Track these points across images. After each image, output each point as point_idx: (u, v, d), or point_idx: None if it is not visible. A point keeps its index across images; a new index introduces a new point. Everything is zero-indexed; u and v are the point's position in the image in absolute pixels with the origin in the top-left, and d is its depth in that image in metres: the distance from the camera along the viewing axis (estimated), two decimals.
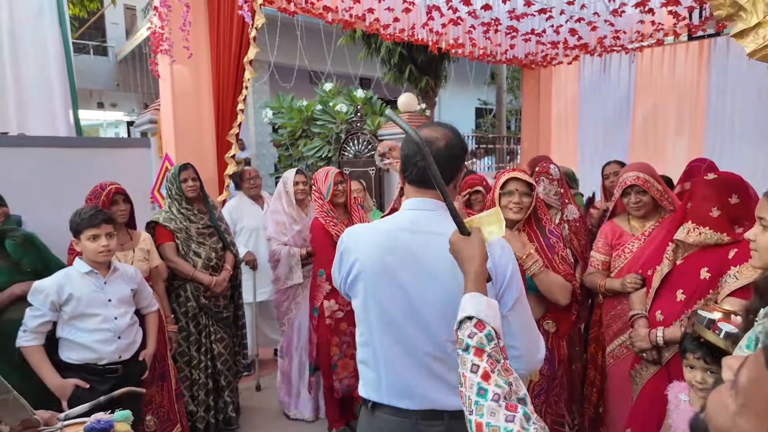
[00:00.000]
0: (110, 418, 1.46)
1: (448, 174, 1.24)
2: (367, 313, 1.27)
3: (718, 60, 4.67)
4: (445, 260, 1.17)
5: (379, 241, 1.25)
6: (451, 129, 1.27)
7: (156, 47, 3.43)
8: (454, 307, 1.15)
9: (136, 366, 2.15)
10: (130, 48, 12.47)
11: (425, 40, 4.41)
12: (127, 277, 2.15)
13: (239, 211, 3.63)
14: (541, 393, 1.98)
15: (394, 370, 1.25)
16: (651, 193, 2.18)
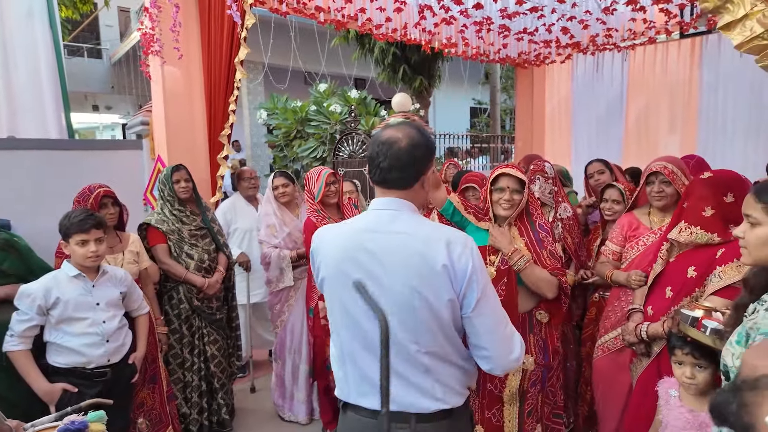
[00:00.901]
0: (84, 419, 1.45)
1: (412, 174, 1.22)
2: (333, 313, 1.28)
3: (711, 57, 4.69)
4: (406, 259, 1.17)
5: (343, 241, 1.25)
6: (416, 128, 1.25)
7: (147, 48, 3.42)
8: (414, 308, 1.16)
9: (125, 369, 2.13)
10: (125, 50, 12.43)
11: (418, 40, 4.41)
12: (116, 280, 2.14)
13: (234, 211, 3.62)
14: (537, 383, 1.99)
15: (359, 370, 1.24)
16: (675, 185, 2.12)
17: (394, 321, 1.18)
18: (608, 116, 5.49)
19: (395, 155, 1.20)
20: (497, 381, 1.99)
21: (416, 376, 1.21)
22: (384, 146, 1.21)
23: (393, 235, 1.20)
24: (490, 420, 2.00)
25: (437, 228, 1.27)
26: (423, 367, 1.21)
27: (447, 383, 1.24)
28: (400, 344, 1.19)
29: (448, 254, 1.16)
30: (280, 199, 3.00)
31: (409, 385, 1.21)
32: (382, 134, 1.24)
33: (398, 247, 1.18)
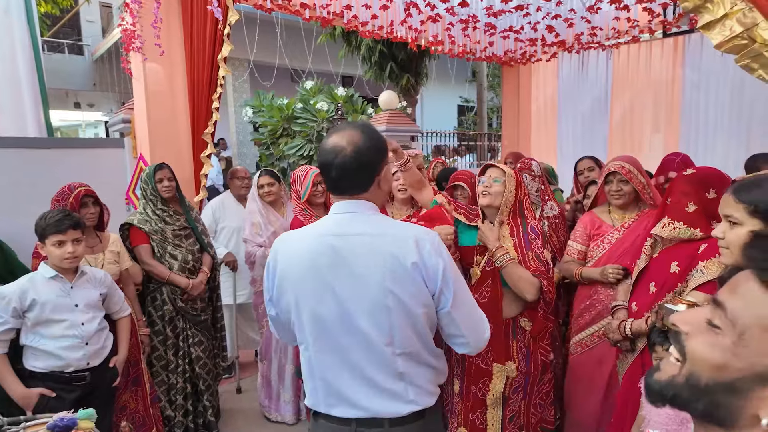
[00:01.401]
0: (73, 416, 1.42)
1: (364, 178, 1.21)
2: (300, 323, 1.24)
3: (693, 56, 4.75)
4: (373, 259, 1.16)
5: (306, 249, 1.22)
6: (362, 130, 1.21)
7: (128, 45, 3.35)
8: (388, 308, 1.16)
9: (106, 373, 2.09)
10: (107, 46, 12.20)
11: (404, 38, 4.40)
12: (95, 281, 2.09)
13: (222, 210, 3.57)
14: (519, 389, 1.98)
15: (328, 379, 1.23)
16: (633, 183, 2.20)
17: (367, 323, 1.17)
18: (593, 114, 5.54)
19: (341, 165, 1.18)
20: (481, 384, 1.98)
21: (389, 381, 1.20)
22: (329, 156, 1.20)
23: (358, 237, 1.19)
24: (474, 422, 2.00)
25: (402, 226, 1.27)
26: (396, 372, 1.20)
27: (419, 384, 1.24)
28: (375, 349, 1.18)
29: (419, 252, 1.16)
30: (265, 198, 2.97)
31: (382, 392, 1.20)
32: (327, 142, 1.21)
33: (366, 249, 1.17)
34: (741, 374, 0.51)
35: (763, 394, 0.49)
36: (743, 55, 1.07)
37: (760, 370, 0.50)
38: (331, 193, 1.27)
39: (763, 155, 2.97)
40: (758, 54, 1.04)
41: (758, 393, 0.50)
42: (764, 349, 0.50)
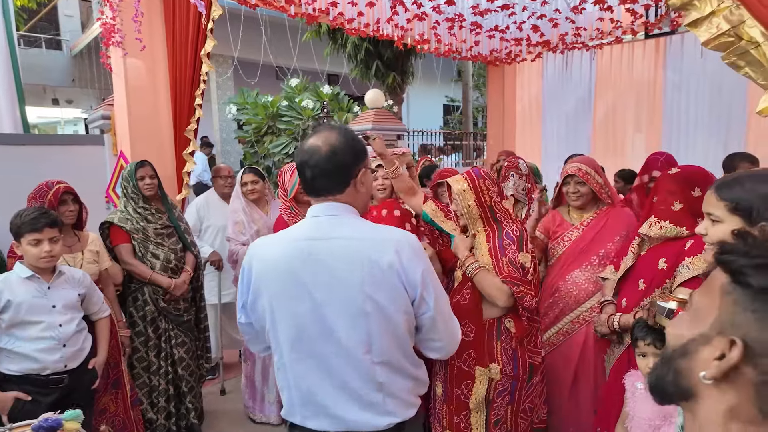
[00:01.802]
0: (59, 417, 1.38)
1: (340, 179, 1.20)
2: (276, 330, 1.21)
3: (674, 57, 4.84)
4: (352, 264, 1.14)
5: (284, 254, 1.19)
6: (339, 132, 1.21)
7: (108, 39, 3.27)
8: (367, 313, 1.14)
9: (84, 375, 2.03)
10: (86, 41, 11.92)
11: (390, 36, 4.38)
12: (74, 282, 2.03)
13: (207, 208, 3.51)
14: (505, 394, 1.93)
15: (304, 388, 1.20)
16: (590, 184, 2.28)
17: (346, 330, 1.15)
18: (577, 114, 5.61)
19: (316, 165, 1.18)
20: (463, 387, 1.95)
21: (367, 392, 1.18)
22: (305, 156, 1.19)
23: (338, 241, 1.17)
24: (459, 426, 1.97)
25: (382, 230, 1.25)
26: (375, 382, 1.18)
27: (399, 395, 1.22)
28: (353, 357, 1.16)
29: (399, 259, 1.15)
30: (248, 196, 2.93)
31: (360, 403, 1.18)
32: (305, 143, 1.21)
33: (346, 253, 1.15)
34: (691, 335, 0.60)
35: (705, 352, 0.57)
36: (730, 52, 1.09)
37: (703, 330, 0.59)
38: (307, 194, 1.25)
39: (739, 154, 3.04)
40: (744, 51, 1.05)
41: (702, 352, 0.58)
42: (708, 311, 0.59)
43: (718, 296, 0.58)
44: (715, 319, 0.57)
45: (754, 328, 0.54)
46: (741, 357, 0.54)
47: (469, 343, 1.92)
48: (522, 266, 1.83)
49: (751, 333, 0.54)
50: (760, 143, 4.18)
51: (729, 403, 0.56)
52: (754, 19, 1.01)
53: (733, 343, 0.54)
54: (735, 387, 0.55)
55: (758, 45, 1.03)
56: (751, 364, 0.54)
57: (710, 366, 0.56)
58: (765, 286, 0.53)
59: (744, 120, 4.44)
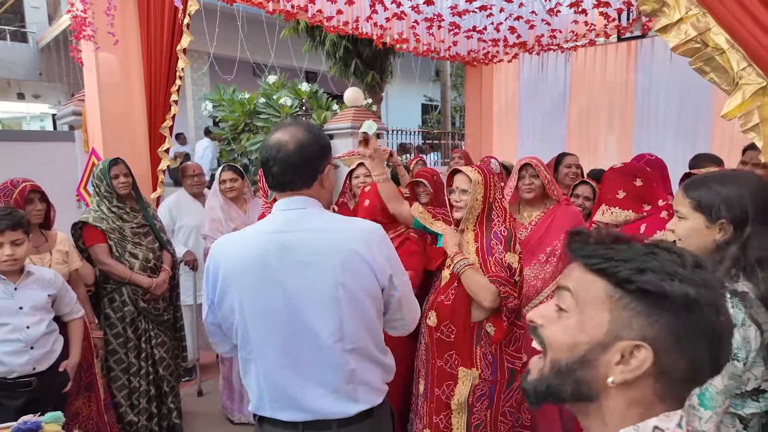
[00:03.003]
0: (38, 420, 1.34)
1: (307, 174, 1.21)
2: (245, 325, 1.21)
3: (644, 60, 4.98)
4: (323, 254, 1.16)
5: (252, 247, 1.20)
6: (305, 127, 1.22)
7: (78, 33, 3.17)
8: (338, 301, 1.17)
9: (54, 378, 1.97)
10: (54, 34, 11.51)
11: (370, 34, 4.38)
12: (43, 282, 1.97)
13: (179, 208, 3.44)
14: (484, 398, 1.91)
15: (275, 381, 1.21)
16: (541, 178, 2.35)
17: (318, 320, 1.17)
18: (552, 114, 5.72)
19: (283, 159, 1.19)
20: (445, 387, 1.93)
21: (338, 381, 1.20)
22: (272, 150, 1.19)
23: (308, 233, 1.19)
24: (438, 425, 1.95)
25: (349, 221, 1.28)
26: (346, 370, 1.20)
27: (369, 382, 1.25)
28: (324, 346, 1.18)
29: (368, 247, 1.19)
30: (227, 194, 2.89)
31: (330, 392, 1.20)
32: (271, 138, 1.22)
33: (316, 244, 1.18)
34: (588, 346, 0.60)
35: (606, 358, 0.59)
36: (696, 58, 1.13)
37: (599, 338, 0.59)
38: (273, 189, 1.25)
39: (704, 155, 3.16)
40: (710, 58, 1.10)
41: (603, 359, 0.59)
42: (600, 320, 0.60)
43: (605, 302, 0.59)
44: (609, 325, 0.59)
45: (650, 329, 0.57)
46: (653, 362, 0.57)
47: (450, 344, 1.91)
48: (509, 266, 1.82)
49: (649, 334, 0.57)
50: (725, 145, 4.36)
51: (632, 397, 0.59)
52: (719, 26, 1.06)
53: (637, 346, 0.57)
54: (637, 383, 0.59)
55: (723, 52, 1.08)
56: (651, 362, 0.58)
57: (614, 371, 0.59)
58: (659, 292, 0.56)
59: (709, 123, 4.61)
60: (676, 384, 0.60)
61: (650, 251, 0.59)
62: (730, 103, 1.11)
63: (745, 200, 1.16)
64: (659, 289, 0.56)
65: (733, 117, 1.11)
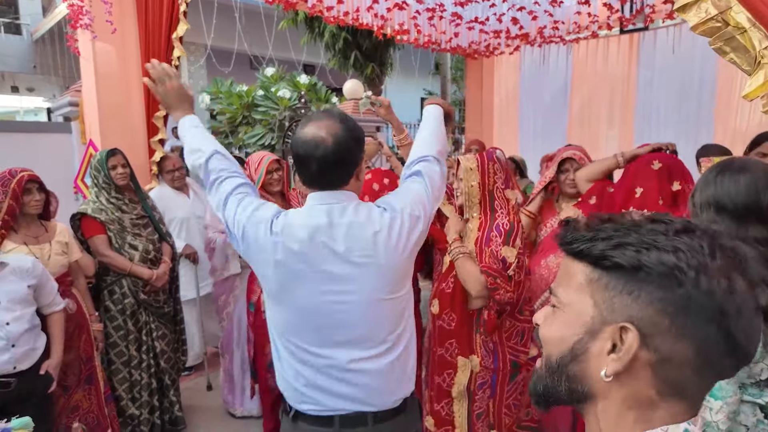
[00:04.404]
0: (7, 426, 1.30)
1: (345, 173, 1.20)
2: (289, 312, 1.19)
3: (646, 53, 4.94)
4: (367, 248, 1.16)
5: (307, 235, 1.16)
6: (341, 120, 1.18)
7: (75, 21, 3.11)
8: (380, 297, 1.17)
9: (37, 379, 1.87)
10: (49, 26, 11.38)
11: (370, 25, 4.33)
12: (22, 273, 1.87)
13: (163, 202, 3.30)
14: (485, 387, 1.92)
15: (310, 372, 1.19)
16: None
17: (368, 310, 1.18)
18: (553, 108, 5.68)
19: (323, 159, 1.14)
20: (445, 375, 1.93)
21: (381, 370, 1.20)
22: (310, 147, 1.15)
23: (352, 226, 1.17)
24: (440, 413, 1.96)
25: (381, 212, 1.25)
26: (388, 362, 1.21)
27: (404, 370, 1.26)
28: (364, 337, 1.19)
29: (402, 231, 1.20)
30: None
31: (367, 383, 1.20)
32: (305, 132, 1.16)
33: (358, 236, 1.17)
34: (576, 336, 0.55)
35: (596, 349, 0.54)
36: (717, 38, 1.10)
37: (586, 326, 0.55)
38: (308, 186, 1.22)
39: (714, 146, 3.13)
40: (731, 37, 1.07)
41: (594, 350, 0.54)
42: (584, 306, 0.55)
43: (586, 287, 0.55)
44: (594, 311, 0.54)
45: (634, 308, 0.51)
46: (639, 344, 0.51)
47: (450, 333, 1.91)
48: (503, 260, 1.79)
49: (635, 313, 0.51)
50: (727, 139, 4.33)
51: (627, 393, 0.53)
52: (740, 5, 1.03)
53: (624, 329, 0.52)
54: (634, 375, 0.52)
55: (744, 31, 1.05)
56: (644, 346, 0.51)
57: (607, 362, 0.53)
58: (635, 264, 0.51)
59: (712, 117, 4.59)
60: (684, 376, 0.51)
61: (634, 224, 0.54)
62: (752, 83, 1.08)
63: None
64: (631, 260, 0.51)
65: (755, 97, 1.08)
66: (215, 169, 1.27)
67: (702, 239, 0.51)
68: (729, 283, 0.50)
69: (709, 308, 0.49)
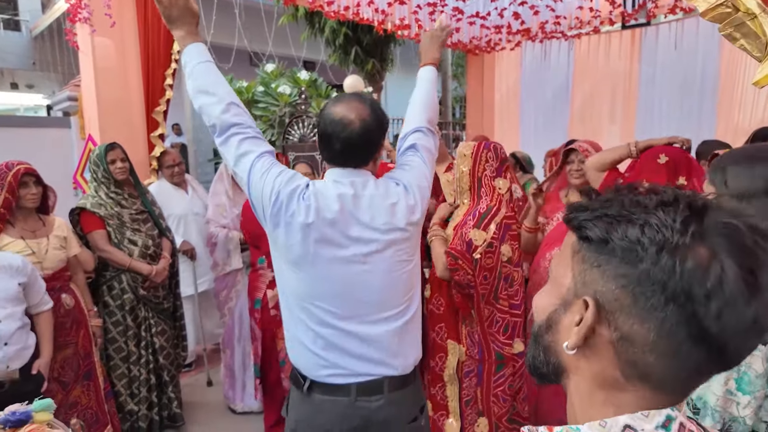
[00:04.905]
0: (28, 409, 1.29)
1: (366, 155, 1.26)
2: (316, 280, 1.22)
3: (648, 49, 4.92)
4: (387, 217, 1.24)
5: (337, 204, 1.21)
6: (368, 103, 1.24)
7: (74, 15, 3.09)
8: (400, 259, 1.27)
9: (28, 380, 1.84)
10: (48, 22, 11.34)
11: (371, 20, 4.30)
12: (12, 270, 1.83)
13: (162, 198, 3.28)
14: (472, 375, 1.95)
15: (334, 333, 1.23)
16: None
17: (388, 274, 1.25)
18: (554, 104, 5.65)
19: (348, 139, 1.20)
20: (437, 359, 1.99)
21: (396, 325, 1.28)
22: (337, 127, 1.20)
23: (375, 198, 1.25)
24: (435, 397, 2.01)
25: (395, 185, 1.33)
26: (403, 324, 1.29)
27: (416, 336, 1.35)
28: (387, 304, 1.27)
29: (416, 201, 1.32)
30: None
31: (387, 348, 1.26)
32: (334, 111, 1.21)
33: (383, 205, 1.26)
34: (553, 306, 0.55)
35: (567, 321, 0.52)
36: (726, 24, 1.08)
37: (562, 297, 0.54)
38: (328, 162, 1.28)
39: (715, 141, 3.11)
40: (741, 23, 1.05)
41: (565, 321, 0.53)
42: (565, 277, 0.54)
43: (570, 259, 0.53)
44: (570, 283, 0.53)
45: (600, 282, 0.49)
46: (595, 316, 0.49)
47: (440, 317, 1.98)
48: (469, 242, 1.82)
49: (599, 288, 0.49)
50: (729, 135, 4.31)
51: (594, 372, 0.51)
52: None
53: (586, 303, 0.50)
54: (597, 352, 0.51)
55: (754, 17, 1.03)
56: (606, 323, 0.49)
57: (571, 334, 0.51)
58: (602, 236, 0.49)
59: (714, 112, 4.56)
60: (647, 360, 0.48)
61: (630, 195, 0.51)
62: (762, 69, 1.06)
63: None
64: (600, 232, 0.49)
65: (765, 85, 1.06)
66: (235, 123, 1.25)
67: (679, 213, 0.47)
68: (700, 264, 0.44)
69: (669, 288, 0.45)
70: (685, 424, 0.50)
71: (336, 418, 1.23)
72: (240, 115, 1.27)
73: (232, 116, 1.24)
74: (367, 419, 1.23)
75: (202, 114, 1.29)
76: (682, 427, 0.49)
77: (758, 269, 0.45)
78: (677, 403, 0.50)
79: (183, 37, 1.30)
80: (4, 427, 1.43)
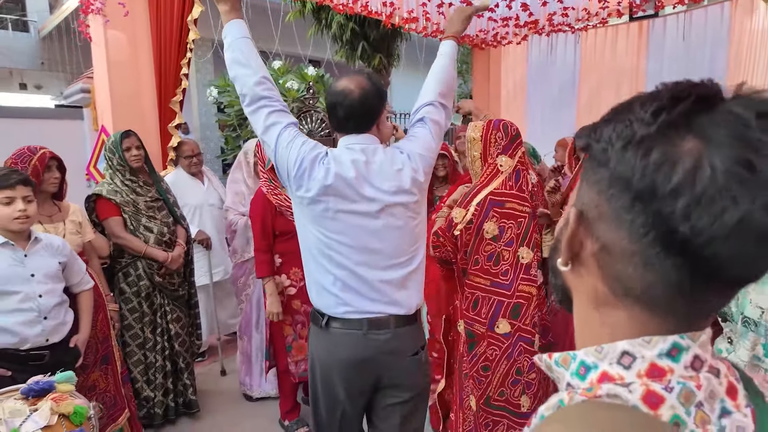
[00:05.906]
0: (50, 379, 1.32)
1: (368, 120, 1.42)
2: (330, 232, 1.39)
3: (656, 41, 4.91)
4: (395, 181, 1.40)
5: (349, 166, 1.38)
6: (367, 76, 1.42)
7: (87, 6, 3.12)
8: (408, 215, 1.44)
9: (66, 353, 1.90)
10: (56, 22, 11.42)
11: (379, 13, 4.32)
12: (52, 249, 1.89)
13: (178, 187, 3.31)
14: (462, 361, 2.01)
15: (351, 276, 1.40)
16: None
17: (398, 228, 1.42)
18: (561, 99, 5.66)
19: (349, 107, 1.38)
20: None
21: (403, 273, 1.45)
22: (339, 96, 1.38)
23: (384, 163, 1.42)
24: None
25: (400, 153, 1.48)
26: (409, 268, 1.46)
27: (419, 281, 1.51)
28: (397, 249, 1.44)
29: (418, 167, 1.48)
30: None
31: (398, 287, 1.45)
32: (337, 84, 1.40)
33: (390, 170, 1.43)
34: (560, 226, 0.52)
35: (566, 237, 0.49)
36: None
37: (568, 215, 0.50)
38: (336, 130, 1.46)
39: None
40: None
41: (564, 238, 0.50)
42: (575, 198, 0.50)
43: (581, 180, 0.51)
44: (576, 200, 0.50)
45: (586, 191, 0.47)
46: (576, 224, 0.47)
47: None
48: (451, 220, 1.90)
49: (584, 198, 0.47)
50: None
51: (587, 289, 0.49)
52: None
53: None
54: (585, 265, 0.48)
55: None
56: (590, 234, 0.47)
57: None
58: (586, 142, 0.47)
59: None
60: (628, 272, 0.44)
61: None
62: None
63: None
64: (585, 140, 0.47)
65: None
66: (265, 96, 1.41)
67: (654, 105, 0.42)
68: (668, 157, 0.39)
69: (633, 186, 0.41)
70: (705, 359, 0.43)
71: (350, 349, 1.42)
72: (270, 90, 1.43)
73: (263, 90, 1.41)
74: (377, 349, 1.42)
75: (235, 82, 1.44)
76: (697, 361, 0.43)
77: (759, 163, 0.37)
78: (689, 332, 0.44)
79: (227, 12, 1.48)
80: (27, 396, 1.46)
